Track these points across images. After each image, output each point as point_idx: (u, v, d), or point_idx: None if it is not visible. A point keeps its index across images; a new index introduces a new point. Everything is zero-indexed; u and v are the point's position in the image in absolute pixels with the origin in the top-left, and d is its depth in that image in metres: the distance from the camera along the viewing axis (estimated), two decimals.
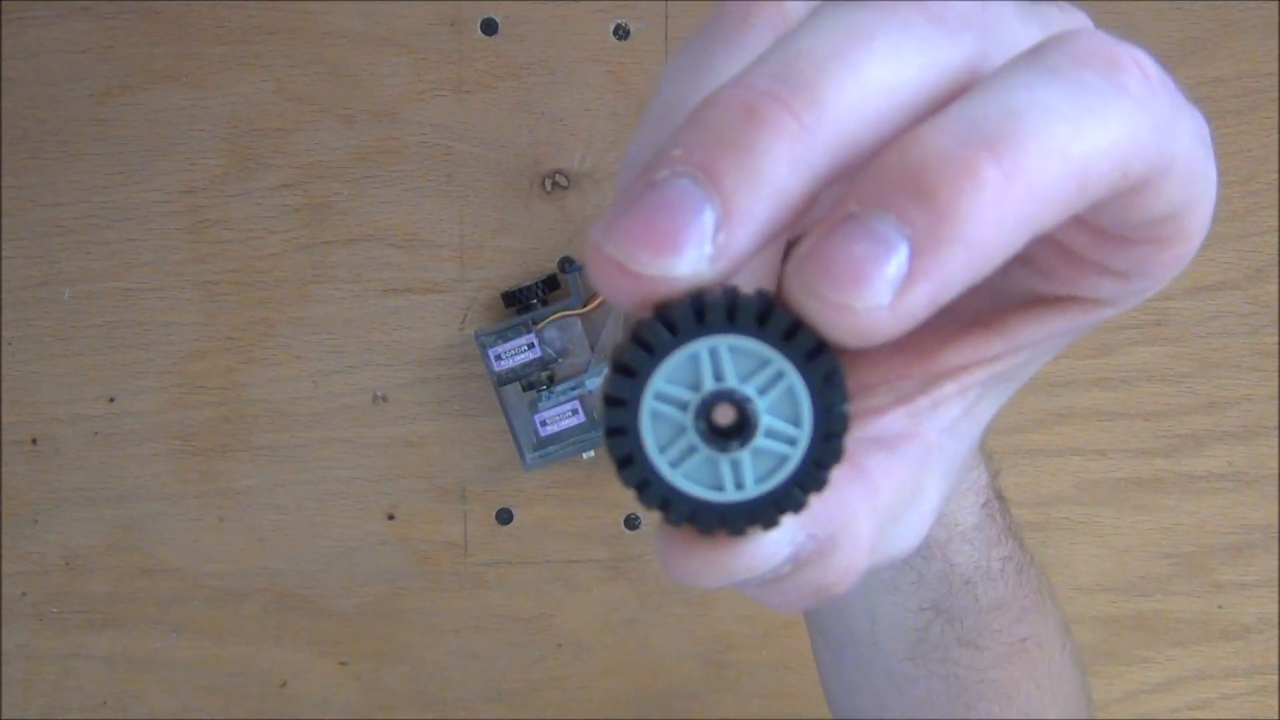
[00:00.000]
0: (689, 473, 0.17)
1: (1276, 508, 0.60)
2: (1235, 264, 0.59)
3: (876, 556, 0.21)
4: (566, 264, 0.58)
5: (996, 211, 0.16)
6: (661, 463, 0.17)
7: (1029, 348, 0.22)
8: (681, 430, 0.17)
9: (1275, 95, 0.59)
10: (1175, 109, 0.18)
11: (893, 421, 0.21)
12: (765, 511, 0.17)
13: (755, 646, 0.60)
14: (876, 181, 0.16)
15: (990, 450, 0.33)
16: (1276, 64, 0.59)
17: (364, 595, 0.60)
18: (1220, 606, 0.60)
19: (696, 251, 0.16)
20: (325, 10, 0.58)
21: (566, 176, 0.58)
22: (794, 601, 0.19)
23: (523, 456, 0.57)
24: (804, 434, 0.17)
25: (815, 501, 0.18)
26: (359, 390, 0.59)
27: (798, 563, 0.18)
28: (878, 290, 0.15)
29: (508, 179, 0.59)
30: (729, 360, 0.17)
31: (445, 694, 0.60)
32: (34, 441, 0.59)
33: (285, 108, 0.58)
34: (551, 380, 0.57)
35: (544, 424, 0.57)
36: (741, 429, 0.17)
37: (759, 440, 0.17)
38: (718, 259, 0.16)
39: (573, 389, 0.57)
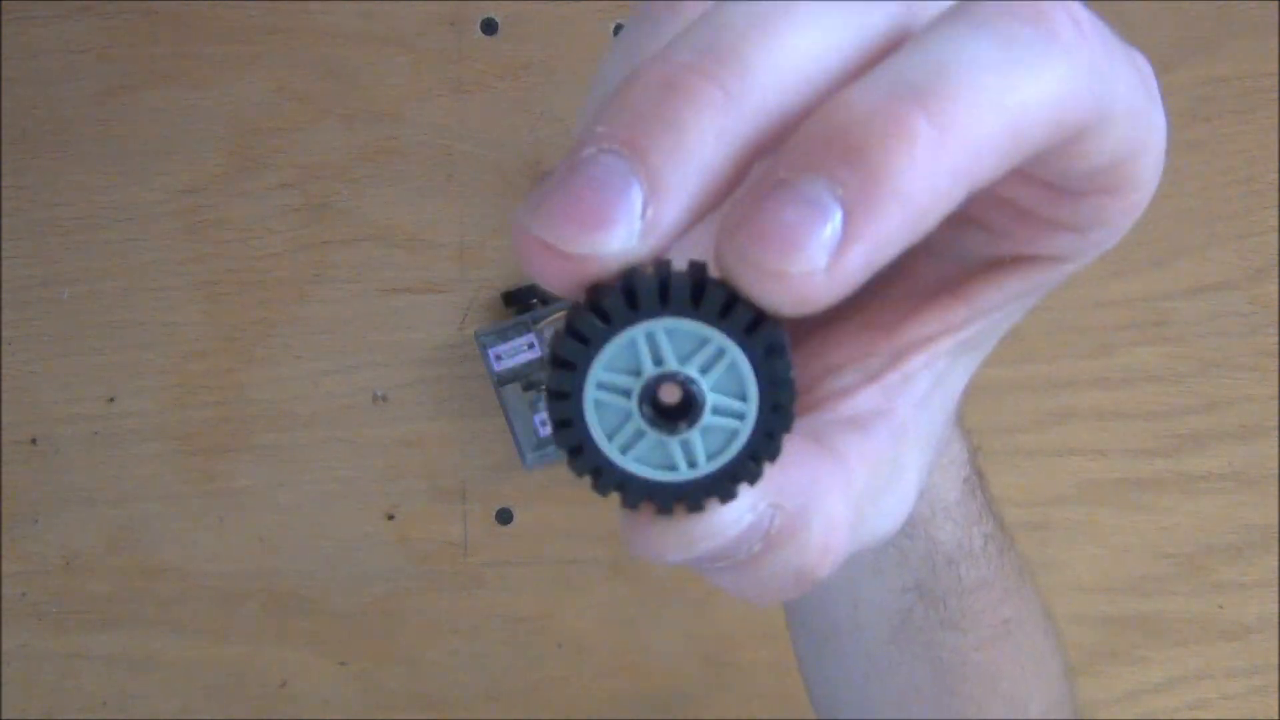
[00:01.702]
0: (640, 456, 0.17)
1: (1276, 508, 0.60)
2: (1235, 264, 0.59)
3: (859, 538, 0.20)
4: None
5: (930, 166, 0.15)
6: (611, 450, 0.17)
7: (993, 311, 0.22)
8: (627, 416, 0.17)
9: (1275, 95, 0.59)
10: (1110, 55, 0.17)
11: (864, 400, 0.21)
12: (721, 485, 0.17)
13: (755, 646, 0.60)
14: (805, 145, 0.16)
15: (969, 428, 0.32)
16: (1276, 64, 0.59)
17: (364, 595, 0.60)
18: (1220, 606, 0.60)
19: (626, 228, 0.15)
20: (325, 10, 0.58)
21: None
22: (777, 587, 0.19)
23: (523, 456, 0.57)
24: (751, 407, 0.17)
25: (772, 470, 0.17)
26: (359, 390, 0.59)
27: (769, 541, 0.18)
28: (813, 254, 0.15)
29: (508, 179, 0.59)
30: (667, 343, 0.16)
31: (445, 694, 0.60)
32: (34, 441, 0.59)
33: (285, 108, 0.58)
34: None
35: (544, 424, 0.57)
36: (688, 409, 0.17)
37: (707, 419, 0.17)
38: (648, 235, 0.16)
39: None
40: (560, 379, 0.16)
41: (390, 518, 0.59)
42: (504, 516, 0.59)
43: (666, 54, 0.16)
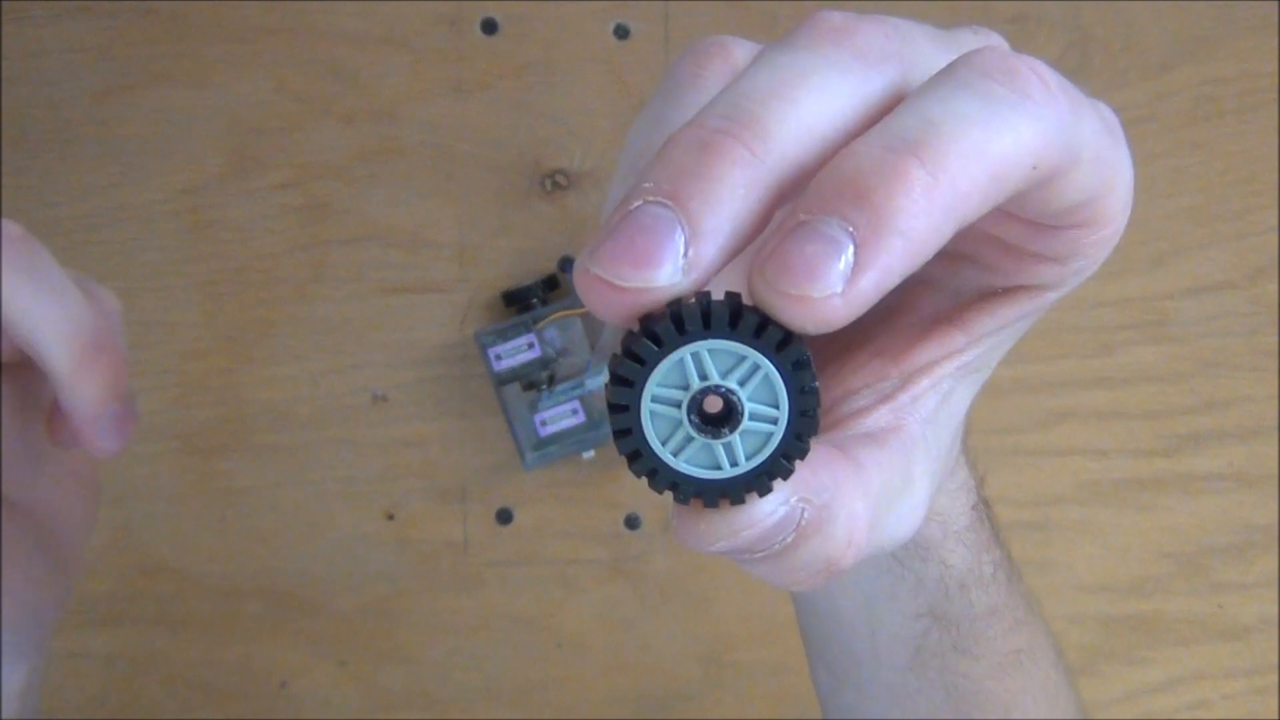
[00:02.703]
0: (690, 458, 0.20)
1: (1276, 508, 0.60)
2: (1235, 264, 0.59)
3: (878, 539, 0.23)
4: (566, 264, 0.58)
5: (925, 205, 0.18)
6: (665, 453, 0.20)
7: (989, 337, 0.25)
8: (678, 424, 0.20)
9: (1275, 95, 0.59)
10: (1075, 107, 0.20)
11: (878, 419, 0.24)
12: (759, 481, 0.20)
13: (755, 646, 0.60)
14: (820, 192, 0.19)
15: (976, 456, 0.34)
16: (1277, 64, 0.59)
17: (364, 595, 0.60)
18: (1220, 606, 0.60)
19: (672, 265, 0.18)
20: (325, 10, 0.58)
21: (566, 176, 0.58)
22: (807, 575, 0.22)
23: (523, 456, 0.57)
24: (783, 413, 0.20)
25: (802, 468, 0.20)
26: (359, 390, 0.59)
27: (800, 533, 0.21)
28: (831, 281, 0.18)
29: (508, 179, 0.59)
30: (710, 361, 0.19)
31: (445, 694, 0.60)
32: None
33: (285, 108, 0.58)
34: (551, 380, 0.57)
35: (544, 424, 0.57)
36: (729, 417, 0.20)
37: (745, 424, 0.20)
38: (690, 271, 0.18)
39: (573, 389, 0.57)
40: (621, 394, 0.19)
41: (390, 518, 0.59)
42: (504, 516, 0.59)
43: (699, 119, 0.20)
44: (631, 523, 0.59)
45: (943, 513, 0.32)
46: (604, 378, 0.20)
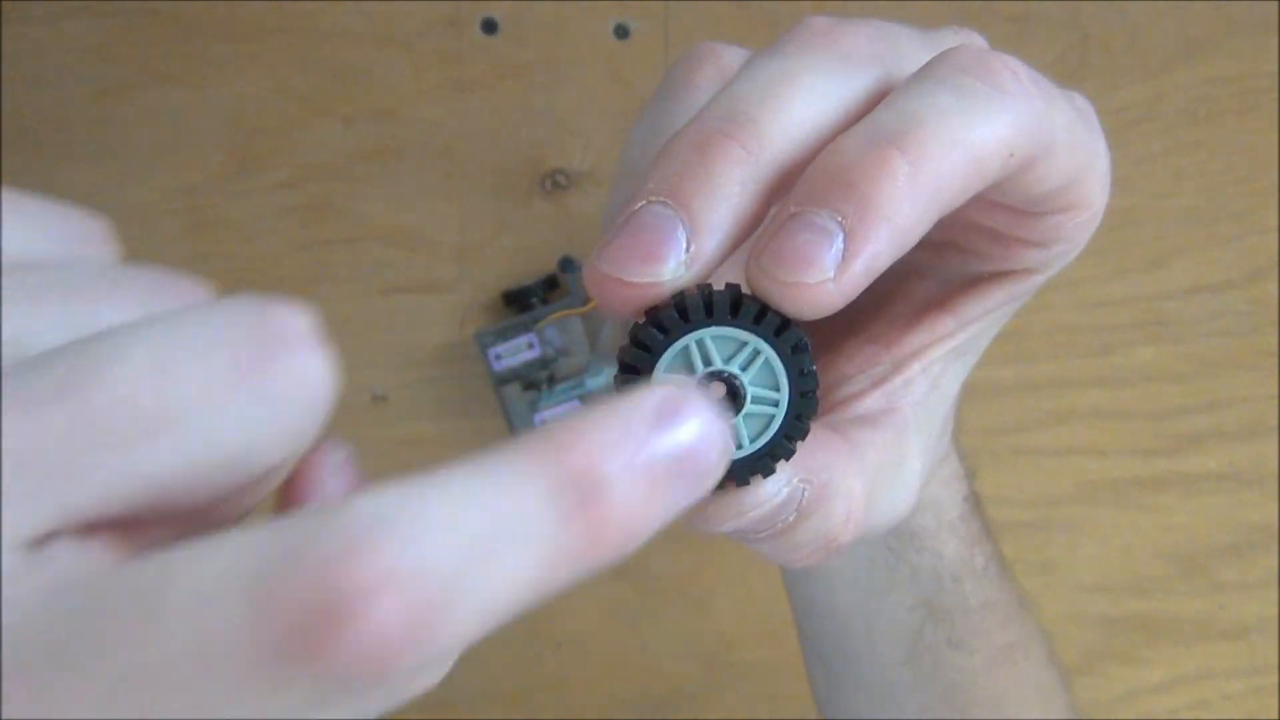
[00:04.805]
0: None
1: (1276, 508, 0.60)
2: (1235, 264, 0.59)
3: (874, 518, 0.25)
4: (566, 264, 0.58)
5: (909, 192, 0.19)
6: None
7: (977, 321, 0.27)
8: None
9: (1275, 95, 0.59)
10: (1047, 98, 0.22)
11: (872, 402, 0.26)
12: (762, 462, 0.21)
13: (755, 646, 0.60)
14: (810, 185, 0.20)
15: (969, 453, 0.34)
16: (1277, 64, 0.59)
17: None
18: (1220, 606, 0.60)
19: (675, 260, 0.19)
20: (325, 10, 0.58)
21: (566, 176, 0.58)
22: (809, 551, 0.23)
23: None
24: (784, 396, 0.21)
25: (803, 449, 0.21)
26: (359, 390, 0.59)
27: (802, 511, 0.22)
28: (823, 267, 0.19)
29: (508, 179, 0.59)
30: (713, 347, 0.20)
31: (445, 694, 0.60)
32: None
33: (285, 107, 0.58)
34: (551, 380, 0.57)
35: (544, 424, 0.57)
36: (733, 401, 0.20)
37: (748, 407, 0.20)
38: (692, 264, 0.20)
39: (573, 389, 0.57)
40: (629, 382, 0.20)
41: None
42: None
43: (696, 121, 0.21)
44: None
45: (936, 502, 0.33)
46: (604, 378, 0.21)
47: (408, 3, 0.58)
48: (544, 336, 0.57)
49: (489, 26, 0.58)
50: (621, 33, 0.58)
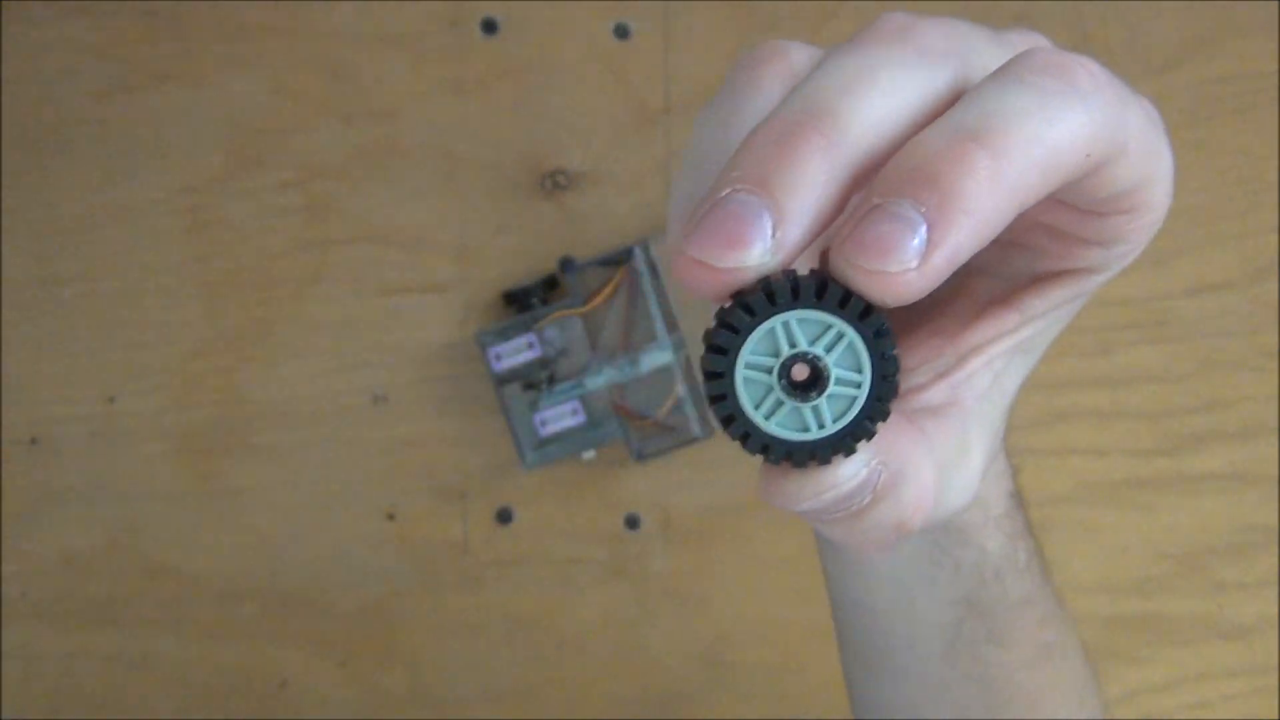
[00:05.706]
0: (780, 421, 0.21)
1: (1276, 508, 0.60)
2: (1235, 264, 0.59)
3: (938, 508, 0.26)
4: (566, 263, 0.58)
5: (990, 187, 0.20)
6: (757, 417, 0.21)
7: (1039, 318, 0.28)
8: (769, 389, 0.21)
9: (1275, 95, 0.59)
10: (1123, 101, 0.22)
11: (936, 394, 0.27)
12: (844, 442, 0.22)
13: (755, 646, 0.60)
14: (893, 177, 0.20)
15: (1010, 450, 0.35)
16: (1277, 64, 0.59)
17: (364, 595, 0.60)
18: (1220, 606, 0.60)
19: (761, 246, 0.20)
20: (325, 10, 0.58)
21: (566, 176, 0.58)
22: (879, 536, 0.24)
23: (523, 456, 0.57)
24: (866, 378, 0.21)
25: (882, 430, 0.22)
26: (359, 390, 0.59)
27: (875, 495, 0.23)
28: (907, 257, 0.19)
29: (508, 179, 0.59)
30: (799, 329, 0.21)
31: (445, 694, 0.60)
32: (33, 441, 0.59)
33: (285, 107, 0.58)
34: (551, 380, 0.57)
35: (544, 424, 0.57)
36: (817, 382, 0.21)
37: (832, 389, 0.21)
38: (778, 251, 0.20)
39: (573, 389, 0.57)
40: (716, 361, 0.21)
41: (390, 518, 0.59)
42: (504, 516, 0.59)
43: (779, 113, 0.21)
44: (631, 523, 0.59)
45: (983, 497, 0.33)
46: (604, 378, 0.21)
47: (408, 3, 0.58)
48: (544, 336, 0.57)
49: (489, 27, 0.58)
50: (621, 33, 0.58)
